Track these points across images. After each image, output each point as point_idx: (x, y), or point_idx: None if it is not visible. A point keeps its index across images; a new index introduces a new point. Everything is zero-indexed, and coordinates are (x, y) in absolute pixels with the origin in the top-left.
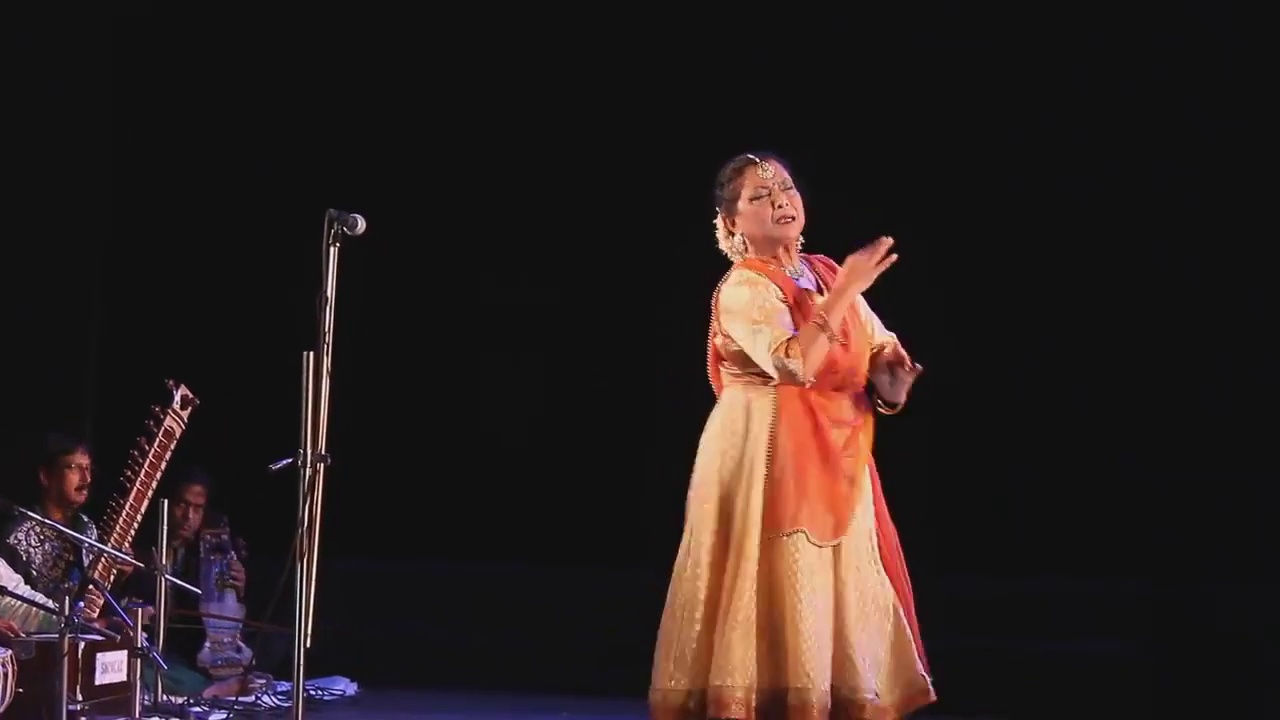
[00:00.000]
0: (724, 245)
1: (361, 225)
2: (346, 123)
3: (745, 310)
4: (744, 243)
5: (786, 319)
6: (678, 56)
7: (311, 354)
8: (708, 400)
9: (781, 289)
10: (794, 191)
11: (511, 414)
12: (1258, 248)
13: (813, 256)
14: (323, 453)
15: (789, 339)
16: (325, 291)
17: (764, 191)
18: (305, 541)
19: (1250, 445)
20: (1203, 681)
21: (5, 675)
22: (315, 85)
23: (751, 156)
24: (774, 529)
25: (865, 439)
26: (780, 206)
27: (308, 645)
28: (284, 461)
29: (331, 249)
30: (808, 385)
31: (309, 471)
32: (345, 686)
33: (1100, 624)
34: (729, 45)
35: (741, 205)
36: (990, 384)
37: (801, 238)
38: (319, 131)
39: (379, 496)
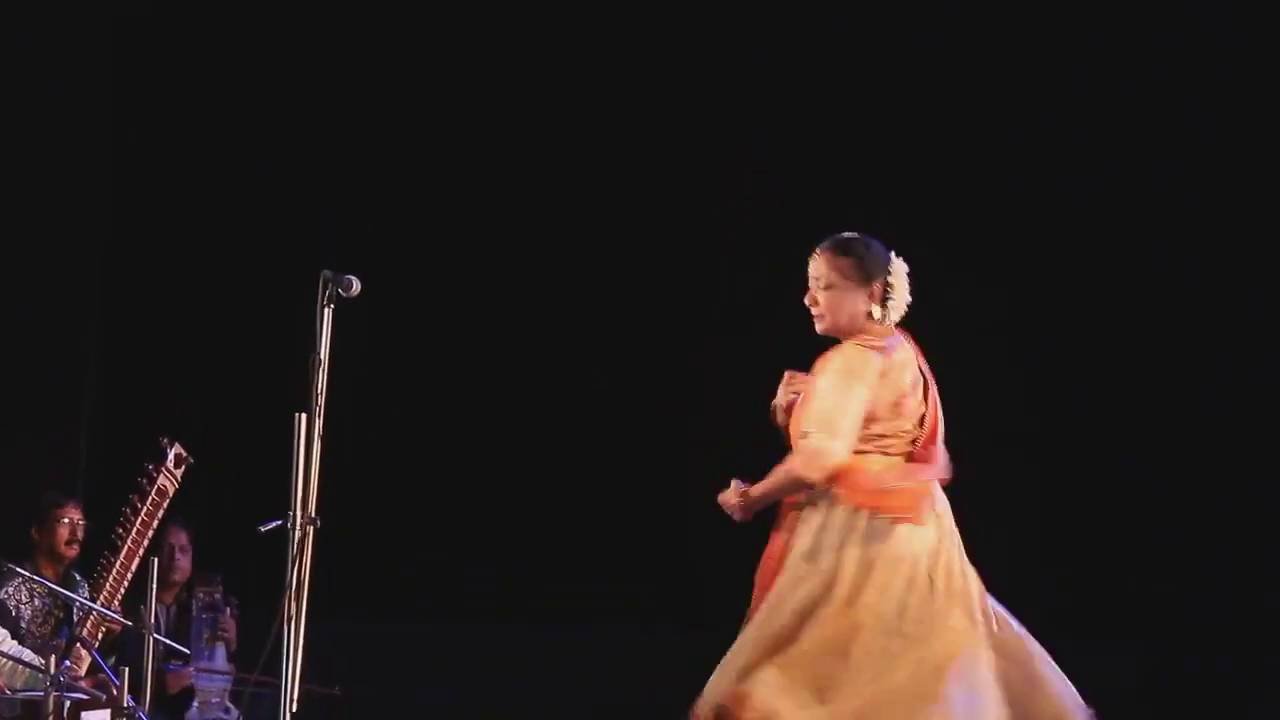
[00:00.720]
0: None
1: (357, 287)
2: (345, 174)
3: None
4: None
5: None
6: (671, 48)
7: (304, 416)
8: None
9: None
10: (826, 291)
11: (510, 475)
12: (1258, 248)
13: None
14: (312, 515)
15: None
16: (319, 353)
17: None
18: (293, 604)
19: (1247, 446)
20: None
21: None
22: (315, 132)
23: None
24: None
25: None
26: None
27: (295, 709)
28: (274, 524)
29: (326, 310)
30: None
31: (298, 534)
32: None
33: (1092, 625)
34: (727, 52)
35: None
36: (992, 388)
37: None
38: (317, 188)
39: (372, 556)
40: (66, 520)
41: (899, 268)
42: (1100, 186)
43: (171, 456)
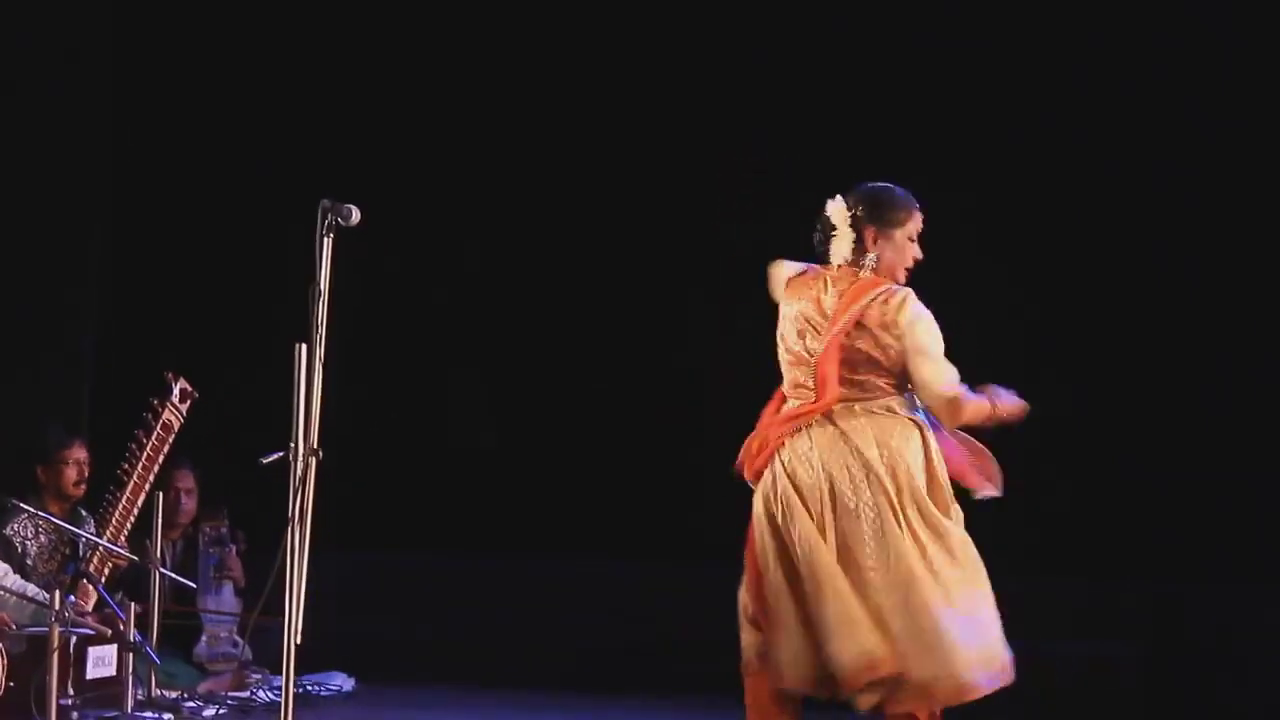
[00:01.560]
0: (840, 245)
1: (356, 216)
2: (342, 113)
3: (938, 336)
4: (875, 261)
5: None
6: (671, 48)
7: (304, 346)
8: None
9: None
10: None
11: (510, 406)
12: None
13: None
14: (314, 446)
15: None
16: (319, 283)
17: (916, 237)
18: (296, 535)
19: (1239, 446)
20: (1190, 680)
21: None
22: (313, 75)
23: (917, 203)
24: None
25: None
26: (918, 257)
27: (299, 640)
28: (275, 455)
29: (325, 240)
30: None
31: (300, 465)
32: (342, 682)
33: (1092, 625)
34: (725, 41)
35: (898, 236)
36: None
37: None
38: (315, 122)
39: (377, 488)
40: (73, 461)
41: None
42: (1100, 186)
43: (177, 391)
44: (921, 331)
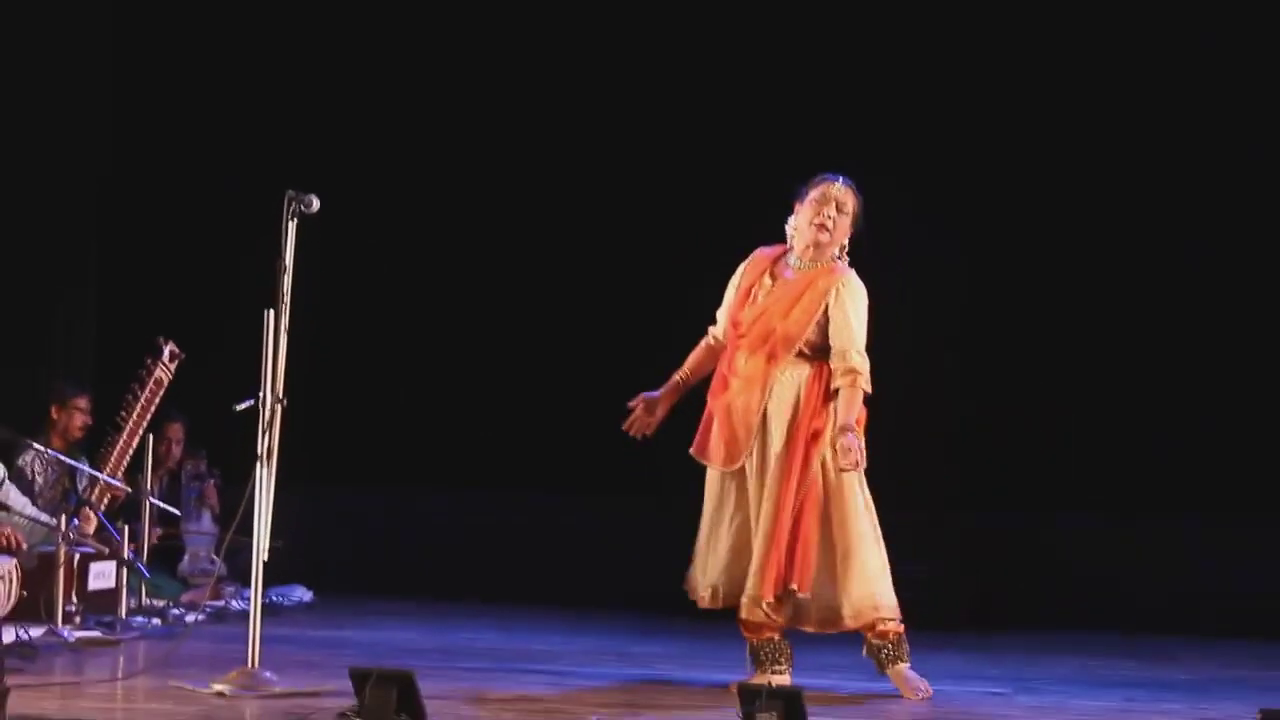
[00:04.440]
0: (789, 225)
1: (316, 204)
2: (308, 118)
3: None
4: (793, 230)
5: (725, 303)
6: (633, 37)
7: (272, 312)
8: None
9: (750, 273)
10: (844, 217)
11: (453, 356)
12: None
13: (837, 266)
14: (280, 396)
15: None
16: (284, 260)
17: (824, 201)
18: (264, 470)
19: (1040, 398)
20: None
21: (10, 581)
22: (288, 85)
23: (836, 176)
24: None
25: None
26: (822, 217)
27: (265, 558)
28: (247, 402)
29: (290, 224)
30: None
31: (268, 411)
32: (302, 594)
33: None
34: (686, 32)
35: (805, 203)
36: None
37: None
38: (285, 125)
39: (334, 431)
40: (82, 407)
41: None
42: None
43: (166, 352)
44: None
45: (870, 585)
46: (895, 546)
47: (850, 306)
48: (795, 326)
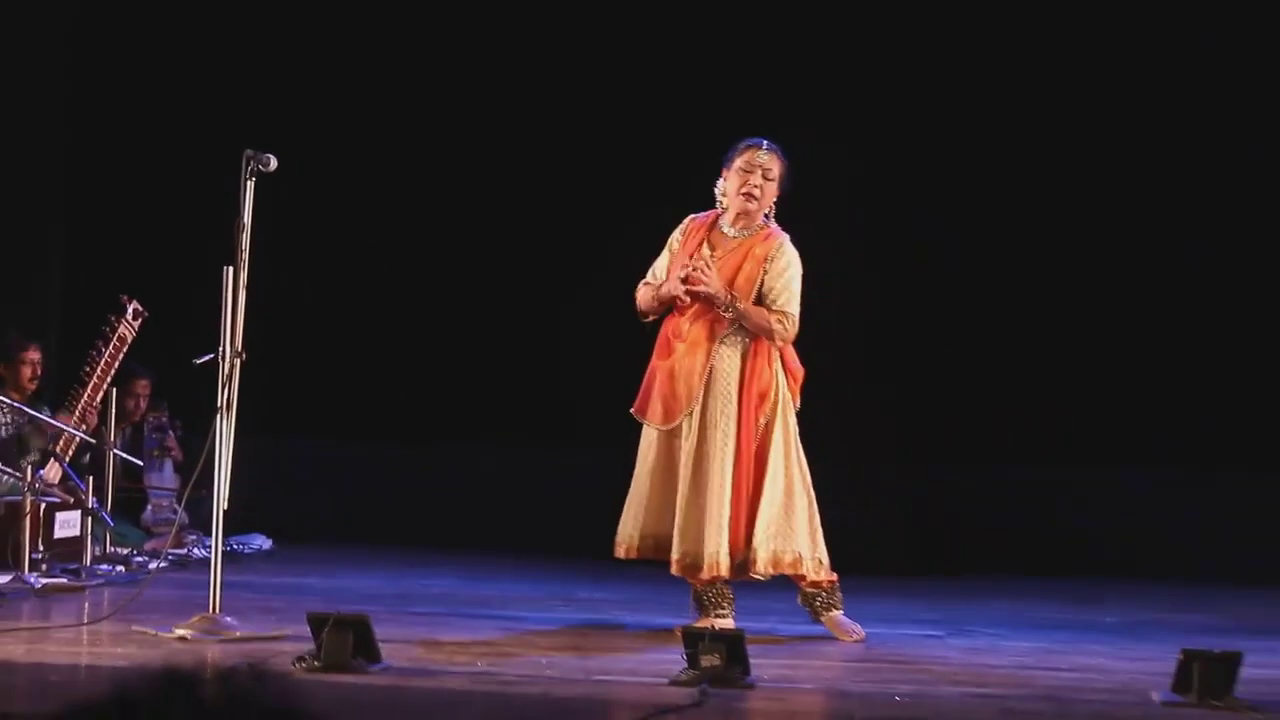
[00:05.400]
0: (718, 189)
1: (274, 164)
2: (269, 73)
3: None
4: (722, 195)
5: (661, 263)
6: (562, 33)
7: (230, 269)
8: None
9: (685, 240)
10: (770, 182)
11: (411, 311)
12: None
13: (771, 229)
14: (239, 350)
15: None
16: (242, 219)
17: (750, 168)
18: (223, 422)
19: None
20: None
21: None
22: (251, 41)
23: (761, 141)
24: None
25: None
26: (749, 185)
27: (225, 507)
28: (207, 357)
29: (248, 183)
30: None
31: (227, 365)
32: (262, 542)
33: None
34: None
35: (731, 170)
36: None
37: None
38: (244, 86)
39: (292, 384)
40: (29, 360)
41: None
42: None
43: (130, 310)
44: None
45: (803, 538)
46: (841, 497)
47: (786, 273)
48: (739, 294)
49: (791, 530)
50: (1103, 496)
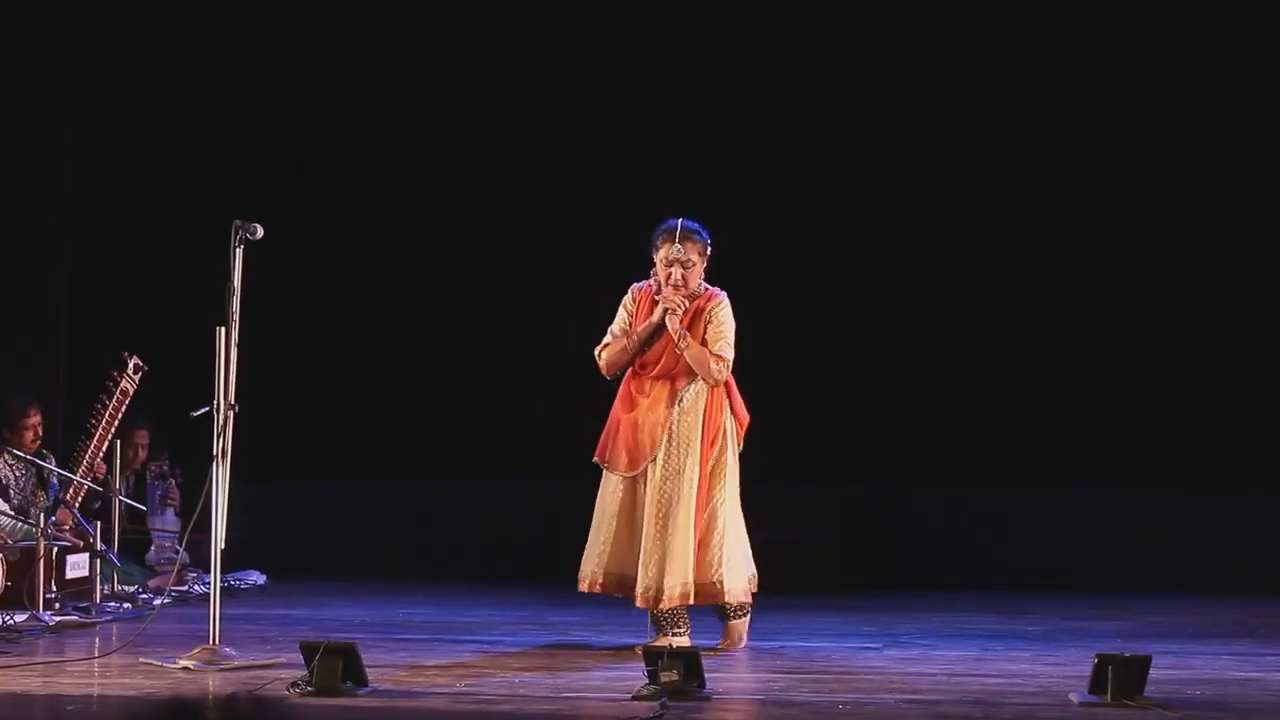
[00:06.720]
0: (652, 273)
1: (260, 232)
2: (255, 145)
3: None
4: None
5: (618, 324)
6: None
7: (223, 329)
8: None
9: (638, 302)
10: (692, 268)
11: (384, 355)
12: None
13: (710, 291)
14: (232, 403)
15: (603, 343)
16: (232, 282)
17: (669, 264)
18: (219, 469)
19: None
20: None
21: None
22: (237, 115)
23: (674, 228)
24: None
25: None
26: (673, 280)
27: (223, 546)
28: (202, 409)
29: (237, 250)
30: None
31: (221, 417)
32: (256, 577)
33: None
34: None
35: (657, 258)
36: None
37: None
38: (232, 161)
39: (280, 433)
40: (31, 424)
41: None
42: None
43: (131, 365)
44: None
45: (742, 569)
46: (784, 518)
47: (725, 325)
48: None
49: (740, 562)
50: (1025, 514)
